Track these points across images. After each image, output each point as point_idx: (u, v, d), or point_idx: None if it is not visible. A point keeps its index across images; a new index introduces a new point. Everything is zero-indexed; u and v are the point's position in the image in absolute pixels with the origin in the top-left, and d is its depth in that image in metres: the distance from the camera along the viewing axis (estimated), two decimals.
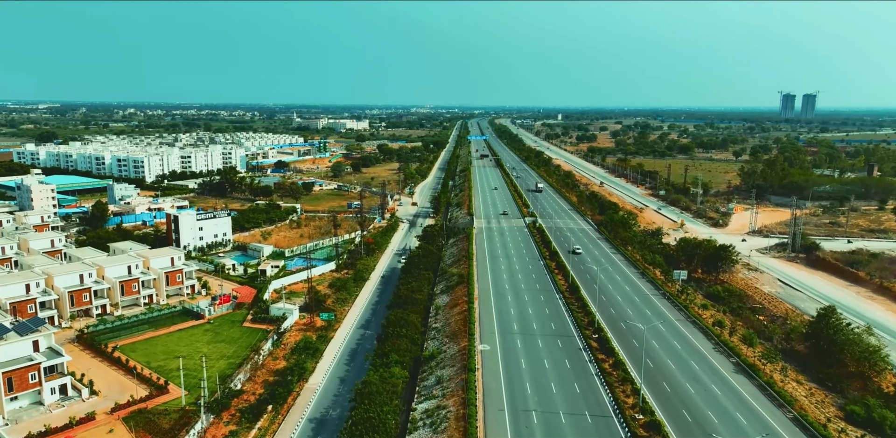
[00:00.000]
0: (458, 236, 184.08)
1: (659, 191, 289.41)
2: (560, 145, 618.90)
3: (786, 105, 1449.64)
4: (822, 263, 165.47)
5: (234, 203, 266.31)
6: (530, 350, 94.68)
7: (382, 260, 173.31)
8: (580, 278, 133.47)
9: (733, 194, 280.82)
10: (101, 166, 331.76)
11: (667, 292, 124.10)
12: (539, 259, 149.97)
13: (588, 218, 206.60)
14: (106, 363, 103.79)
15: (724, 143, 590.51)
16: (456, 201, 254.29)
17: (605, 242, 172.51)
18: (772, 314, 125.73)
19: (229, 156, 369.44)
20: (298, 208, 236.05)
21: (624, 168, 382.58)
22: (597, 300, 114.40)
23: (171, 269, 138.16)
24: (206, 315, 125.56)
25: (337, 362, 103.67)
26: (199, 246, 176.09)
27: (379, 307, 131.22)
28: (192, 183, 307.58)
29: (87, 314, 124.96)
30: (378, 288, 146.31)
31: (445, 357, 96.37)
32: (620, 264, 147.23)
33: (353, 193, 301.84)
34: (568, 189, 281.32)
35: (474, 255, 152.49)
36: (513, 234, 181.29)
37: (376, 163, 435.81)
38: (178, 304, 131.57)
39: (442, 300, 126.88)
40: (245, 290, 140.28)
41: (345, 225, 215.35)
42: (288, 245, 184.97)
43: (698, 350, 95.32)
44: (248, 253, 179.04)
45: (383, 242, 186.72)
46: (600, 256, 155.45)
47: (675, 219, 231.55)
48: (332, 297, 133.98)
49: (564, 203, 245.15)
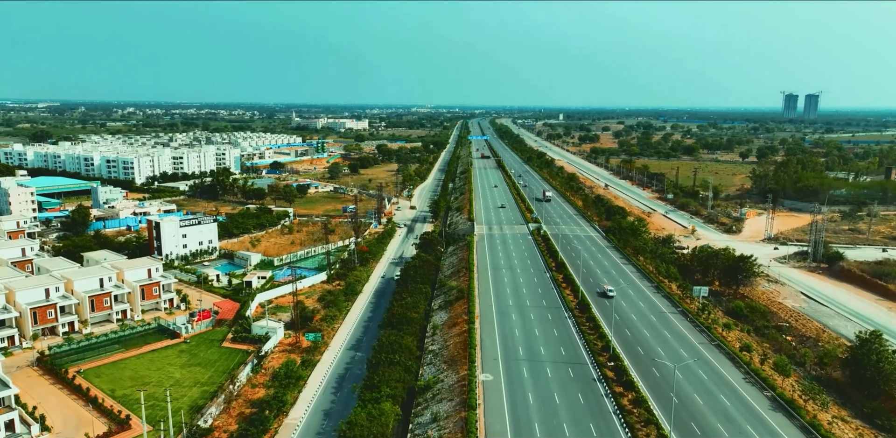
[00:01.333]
0: (458, 244, 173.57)
1: (667, 194, 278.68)
2: (562, 146, 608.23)
3: (788, 105, 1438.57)
4: (846, 274, 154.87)
5: (225, 206, 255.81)
6: (538, 381, 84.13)
7: (377, 270, 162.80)
8: (590, 292, 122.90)
9: (744, 198, 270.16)
10: (90, 167, 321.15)
11: (686, 310, 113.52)
12: (545, 271, 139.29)
13: (595, 224, 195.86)
14: (66, 391, 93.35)
15: (729, 144, 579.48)
16: (456, 205, 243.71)
17: (615, 251, 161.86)
18: (800, 334, 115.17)
19: (223, 157, 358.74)
20: (291, 212, 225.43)
21: (629, 170, 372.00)
22: (612, 320, 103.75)
23: (147, 281, 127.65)
24: (183, 334, 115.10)
25: (322, 391, 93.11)
26: (182, 254, 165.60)
27: (371, 325, 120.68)
28: (184, 185, 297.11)
29: (53, 333, 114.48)
30: (371, 302, 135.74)
31: (443, 388, 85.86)
32: (633, 277, 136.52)
33: (349, 195, 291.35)
34: (572, 193, 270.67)
35: (475, 266, 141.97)
36: (516, 242, 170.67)
37: (375, 164, 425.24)
38: (153, 321, 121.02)
39: (440, 317, 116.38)
40: (227, 304, 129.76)
41: (339, 231, 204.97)
42: (278, 253, 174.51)
43: (727, 381, 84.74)
44: (234, 262, 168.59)
45: (378, 250, 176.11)
46: (610, 267, 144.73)
47: (685, 225, 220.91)
48: (321, 313, 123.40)
49: (569, 207, 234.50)
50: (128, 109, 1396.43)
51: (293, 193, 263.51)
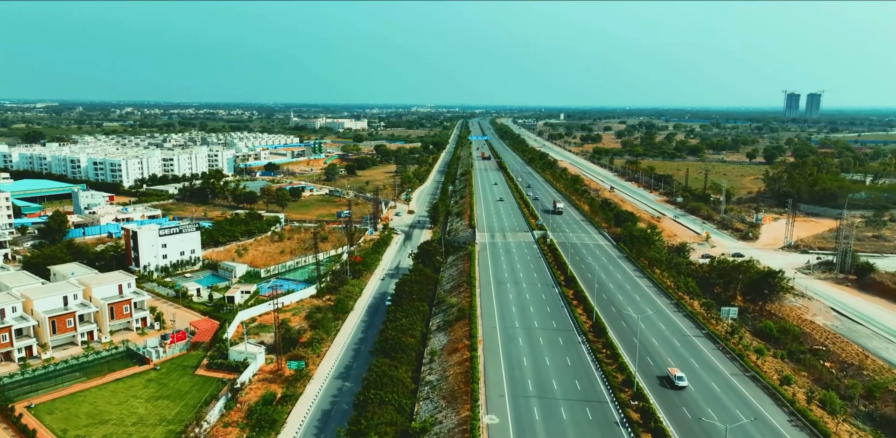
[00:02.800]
0: (459, 254, 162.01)
1: (676, 197, 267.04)
2: (564, 146, 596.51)
3: (790, 105, 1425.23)
4: (878, 287, 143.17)
5: (214, 211, 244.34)
6: (552, 425, 72.60)
7: (371, 282, 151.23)
8: (605, 311, 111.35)
9: (757, 202, 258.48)
10: (77, 169, 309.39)
11: (712, 332, 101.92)
12: (553, 286, 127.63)
13: (604, 231, 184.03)
14: (10, 432, 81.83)
15: (734, 144, 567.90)
16: (456, 209, 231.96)
17: (627, 261, 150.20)
18: (840, 359, 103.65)
19: (215, 158, 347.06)
20: (282, 218, 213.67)
21: (634, 171, 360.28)
22: (634, 352, 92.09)
23: (117, 299, 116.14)
24: (154, 359, 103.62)
25: (303, 433, 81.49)
26: (162, 265, 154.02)
27: (363, 348, 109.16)
28: (173, 188, 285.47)
29: (8, 358, 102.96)
30: (364, 321, 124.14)
31: (442, 431, 74.36)
32: (649, 293, 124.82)
33: (344, 199, 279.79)
34: (578, 196, 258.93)
35: (477, 280, 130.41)
36: (521, 252, 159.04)
37: (373, 165, 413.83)
38: (121, 344, 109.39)
39: (438, 340, 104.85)
40: (205, 323, 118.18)
41: (333, 238, 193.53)
42: (265, 263, 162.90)
43: (771, 425, 73.15)
44: (218, 273, 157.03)
45: (373, 260, 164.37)
46: (624, 281, 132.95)
47: (698, 231, 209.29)
48: (308, 334, 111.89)
49: (575, 212, 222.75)
50: (126, 109, 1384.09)
51: (286, 196, 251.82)
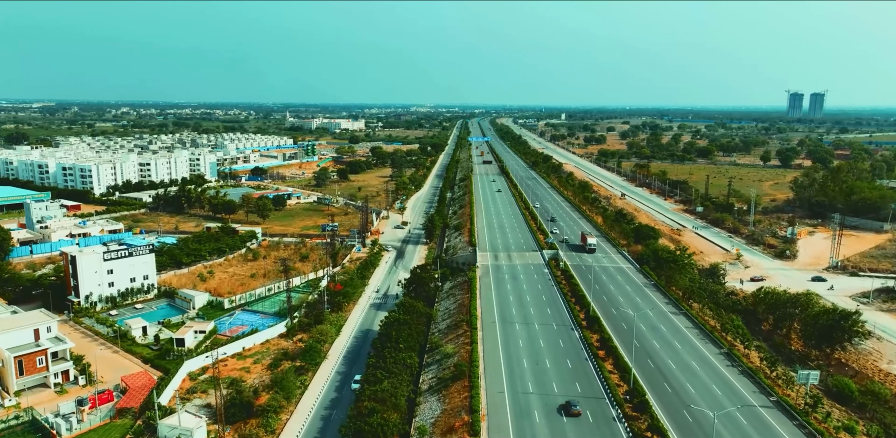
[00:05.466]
0: (457, 280, 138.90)
1: (695, 206, 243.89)
2: (567, 148, 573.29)
3: (793, 104, 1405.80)
4: None
5: (188, 222, 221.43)
6: None
7: (354, 316, 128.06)
8: (641, 366, 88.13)
9: (784, 212, 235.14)
10: (45, 175, 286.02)
11: (783, 400, 78.63)
12: (572, 328, 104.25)
13: (624, 251, 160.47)
14: None
15: (745, 146, 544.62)
16: (454, 222, 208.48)
17: (656, 291, 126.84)
18: None
19: (197, 162, 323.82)
20: (259, 232, 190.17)
21: (645, 176, 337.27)
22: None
23: (29, 350, 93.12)
24: (63, 433, 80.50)
25: None
26: (108, 295, 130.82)
27: (334, 416, 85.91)
28: (147, 196, 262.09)
29: None
30: (339, 372, 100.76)
31: None
32: (691, 337, 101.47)
33: (333, 207, 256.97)
34: (589, 205, 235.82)
35: (479, 318, 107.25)
36: (529, 278, 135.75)
37: (367, 169, 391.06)
38: (24, 412, 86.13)
39: (430, 409, 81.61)
40: (141, 378, 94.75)
41: (314, 256, 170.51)
42: (232, 290, 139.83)
43: None
44: (175, 303, 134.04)
45: (358, 286, 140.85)
46: (658, 321, 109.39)
47: (726, 247, 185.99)
48: (265, 396, 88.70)
49: (587, 225, 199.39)
50: (122, 109, 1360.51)
51: (267, 206, 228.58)
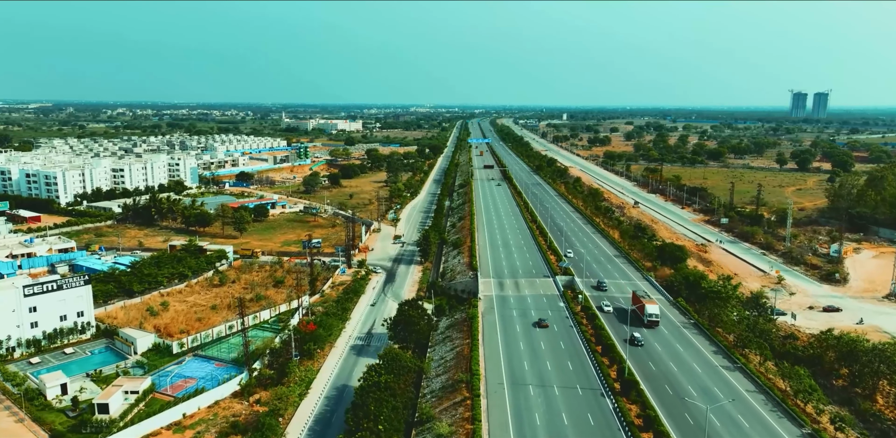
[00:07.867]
0: (455, 317, 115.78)
1: (719, 218, 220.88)
2: (570, 149, 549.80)
3: (796, 104, 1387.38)
4: None
5: (156, 237, 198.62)
6: None
7: (329, 363, 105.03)
8: None
9: (821, 224, 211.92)
10: (8, 182, 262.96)
11: None
12: (603, 394, 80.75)
13: (650, 276, 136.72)
14: None
15: (758, 147, 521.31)
16: (453, 238, 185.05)
17: (700, 335, 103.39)
18: None
19: (176, 167, 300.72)
20: (230, 251, 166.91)
21: (658, 181, 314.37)
22: None
23: None
24: None
25: None
26: (30, 338, 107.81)
27: None
28: (117, 206, 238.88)
29: None
30: None
31: None
32: (758, 409, 78.13)
33: (321, 218, 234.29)
34: (601, 216, 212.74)
35: (482, 378, 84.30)
36: (543, 316, 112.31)
37: (361, 173, 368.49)
38: None
39: None
40: None
41: (290, 280, 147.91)
42: (186, 327, 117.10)
43: None
44: (115, 346, 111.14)
45: (334, 327, 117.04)
46: (711, 381, 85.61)
47: (763, 267, 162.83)
48: None
49: (602, 241, 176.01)
50: (118, 109, 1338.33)
51: (245, 218, 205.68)
